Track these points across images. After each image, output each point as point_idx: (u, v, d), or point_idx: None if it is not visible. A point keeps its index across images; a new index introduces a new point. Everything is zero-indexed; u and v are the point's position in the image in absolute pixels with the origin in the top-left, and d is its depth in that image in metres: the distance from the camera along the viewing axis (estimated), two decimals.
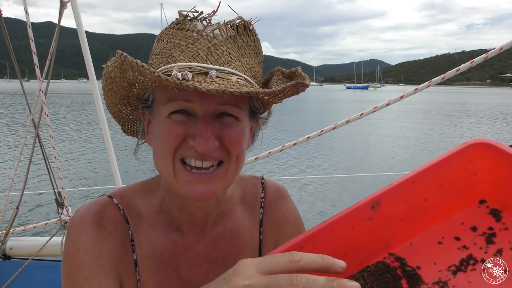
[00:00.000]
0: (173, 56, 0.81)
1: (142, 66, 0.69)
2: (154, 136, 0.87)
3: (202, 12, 0.85)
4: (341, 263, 0.61)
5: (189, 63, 0.79)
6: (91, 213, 0.90)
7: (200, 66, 0.78)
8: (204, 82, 0.74)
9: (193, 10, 0.85)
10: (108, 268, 0.87)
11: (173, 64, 0.80)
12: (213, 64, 0.79)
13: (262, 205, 1.09)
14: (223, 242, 1.00)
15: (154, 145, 0.88)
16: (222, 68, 0.79)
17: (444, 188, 0.81)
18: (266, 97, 0.83)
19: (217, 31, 0.82)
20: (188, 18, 0.85)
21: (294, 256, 0.60)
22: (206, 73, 0.77)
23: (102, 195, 0.97)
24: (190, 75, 0.74)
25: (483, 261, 0.74)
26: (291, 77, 0.90)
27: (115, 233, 0.91)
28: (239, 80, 0.79)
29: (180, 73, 0.73)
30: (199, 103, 0.79)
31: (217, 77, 0.77)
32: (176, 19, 0.85)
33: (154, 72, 0.69)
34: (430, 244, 0.80)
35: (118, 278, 0.90)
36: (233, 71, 0.80)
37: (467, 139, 0.83)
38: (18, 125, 22.27)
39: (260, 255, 1.05)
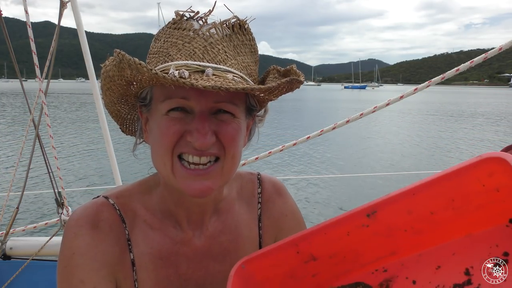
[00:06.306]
0: (170, 55, 0.83)
1: (140, 64, 0.71)
2: (152, 134, 0.88)
3: (198, 12, 0.87)
4: None
5: (186, 62, 0.80)
6: (86, 215, 0.90)
7: (196, 64, 0.79)
8: (201, 79, 0.75)
9: (189, 10, 0.87)
10: (103, 270, 0.87)
11: (170, 63, 0.81)
12: (209, 62, 0.80)
13: (260, 201, 1.10)
14: (223, 238, 1.01)
15: (152, 143, 0.89)
16: (218, 66, 0.81)
17: (455, 203, 0.76)
18: (262, 94, 0.84)
19: (213, 30, 0.83)
20: (185, 17, 0.86)
21: None
22: (203, 71, 0.79)
23: (98, 196, 0.97)
24: (187, 73, 0.75)
25: None
26: (286, 75, 0.91)
27: (111, 234, 0.91)
28: (235, 77, 0.81)
29: (177, 71, 0.75)
30: (196, 101, 0.81)
31: (214, 75, 0.78)
32: (173, 19, 0.87)
33: (151, 70, 0.70)
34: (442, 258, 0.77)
35: (114, 280, 0.90)
36: (229, 69, 0.82)
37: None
38: (18, 125, 22.19)
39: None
